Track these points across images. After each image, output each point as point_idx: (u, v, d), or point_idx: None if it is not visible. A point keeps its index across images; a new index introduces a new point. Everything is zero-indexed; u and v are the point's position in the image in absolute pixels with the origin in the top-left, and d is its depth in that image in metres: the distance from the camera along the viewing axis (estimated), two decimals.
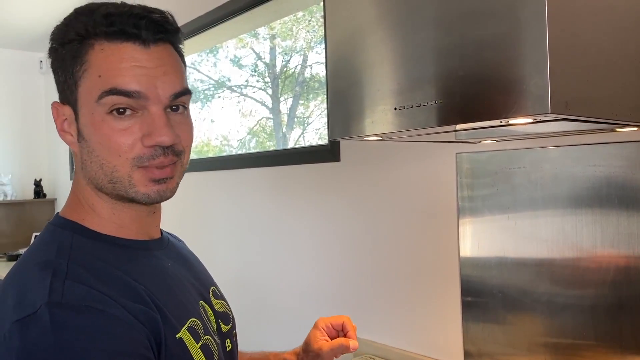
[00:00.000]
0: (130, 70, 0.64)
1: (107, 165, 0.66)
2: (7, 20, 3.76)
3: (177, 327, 0.68)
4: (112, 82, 0.64)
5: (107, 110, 0.65)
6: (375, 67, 0.92)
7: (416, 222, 1.56)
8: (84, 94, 0.66)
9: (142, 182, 0.67)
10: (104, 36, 0.65)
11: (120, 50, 0.65)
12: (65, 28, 0.67)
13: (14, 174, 4.37)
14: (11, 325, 0.57)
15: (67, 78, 0.67)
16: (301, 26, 2.86)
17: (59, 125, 0.69)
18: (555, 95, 0.66)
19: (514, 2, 0.70)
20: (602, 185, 1.11)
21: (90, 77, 0.65)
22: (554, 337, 1.21)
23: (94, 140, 0.66)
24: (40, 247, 0.68)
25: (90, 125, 0.66)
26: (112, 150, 0.65)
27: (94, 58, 0.65)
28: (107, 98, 0.64)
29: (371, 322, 1.71)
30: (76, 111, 0.67)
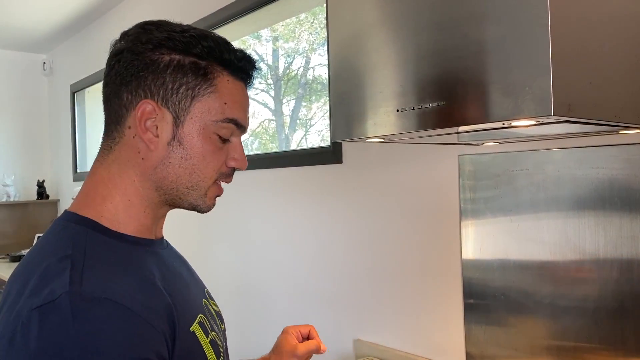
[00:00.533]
0: (245, 108, 0.77)
1: (198, 173, 0.74)
2: (11, 22, 3.77)
3: (190, 320, 0.71)
4: (235, 114, 0.75)
5: (218, 132, 0.74)
6: (377, 69, 0.92)
7: (418, 224, 1.56)
8: (201, 109, 0.73)
9: (212, 195, 0.77)
10: (230, 69, 0.74)
11: (240, 88, 0.76)
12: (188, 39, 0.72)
13: (17, 175, 4.38)
14: (30, 312, 0.58)
15: (181, 87, 0.72)
16: (304, 28, 2.86)
17: (143, 122, 0.72)
18: (557, 98, 0.66)
19: (517, 4, 0.70)
20: (604, 188, 1.11)
21: (216, 100, 0.73)
22: (556, 340, 1.20)
23: (196, 150, 0.73)
24: (55, 242, 0.69)
25: (195, 135, 0.73)
26: (209, 165, 0.74)
27: (222, 86, 0.74)
28: (227, 124, 0.74)
29: (373, 324, 1.71)
30: (179, 118, 0.72)
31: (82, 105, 4.16)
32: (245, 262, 2.34)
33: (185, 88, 0.71)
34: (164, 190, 0.74)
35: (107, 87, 0.74)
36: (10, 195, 4.26)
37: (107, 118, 0.75)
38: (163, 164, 0.73)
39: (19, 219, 4.32)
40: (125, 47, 0.72)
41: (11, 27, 3.87)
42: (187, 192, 0.74)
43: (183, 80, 0.71)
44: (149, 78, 0.71)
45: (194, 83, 0.72)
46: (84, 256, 0.64)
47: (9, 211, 4.29)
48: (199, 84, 0.72)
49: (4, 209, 4.27)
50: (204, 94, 0.72)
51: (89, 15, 3.67)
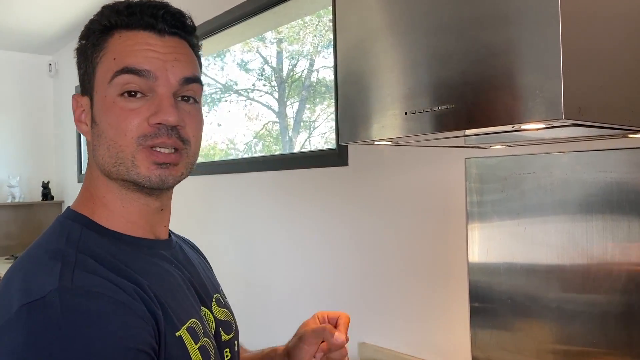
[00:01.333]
0: (143, 52, 0.68)
1: (113, 145, 0.68)
2: (18, 24, 3.79)
3: (178, 325, 0.68)
4: (124, 62, 0.67)
5: (119, 91, 0.68)
6: (385, 72, 0.92)
7: (424, 227, 1.55)
8: (99, 79, 0.70)
9: (144, 163, 0.68)
10: (124, 26, 0.70)
11: (136, 36, 0.69)
12: (91, 23, 0.72)
13: (22, 176, 4.39)
14: (19, 309, 0.57)
15: (87, 68, 0.71)
16: (308, 30, 2.86)
17: (77, 116, 0.72)
18: (568, 101, 0.66)
19: (527, 6, 0.70)
20: (613, 192, 1.10)
21: (106, 60, 0.69)
22: (563, 344, 1.19)
23: (104, 122, 0.69)
24: (50, 238, 0.69)
25: (102, 108, 0.69)
26: (119, 130, 0.68)
27: (112, 44, 0.69)
28: (119, 77, 0.67)
29: (378, 326, 1.70)
30: (92, 98, 0.71)
31: None
32: (249, 264, 2.34)
33: (87, 66, 0.71)
34: (107, 174, 0.71)
35: None
36: (15, 196, 4.28)
37: None
38: (94, 150, 0.71)
39: (24, 219, 4.33)
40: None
41: (17, 29, 3.89)
42: (116, 170, 0.69)
43: (86, 61, 0.72)
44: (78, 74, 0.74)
45: (92, 56, 0.71)
46: (75, 253, 0.64)
47: (14, 212, 4.30)
48: (94, 53, 0.70)
49: (9, 210, 4.28)
50: (97, 62, 0.70)
51: None
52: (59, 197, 4.52)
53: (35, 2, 3.40)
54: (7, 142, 4.40)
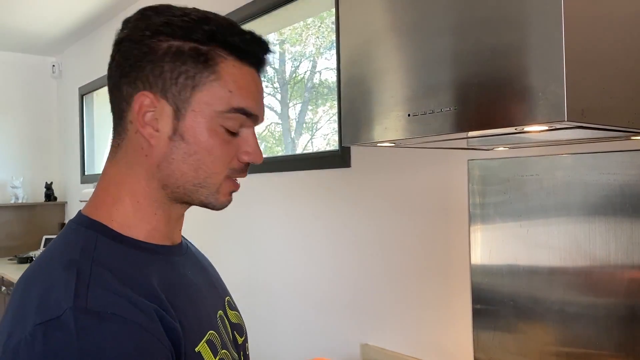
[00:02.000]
0: (255, 95, 0.69)
1: (204, 170, 0.68)
2: (21, 25, 3.80)
3: (196, 340, 0.67)
4: (243, 103, 0.67)
5: (225, 124, 0.68)
6: (389, 74, 0.92)
7: (427, 228, 1.55)
8: (204, 100, 0.66)
9: (225, 192, 0.72)
10: (236, 54, 0.67)
11: (248, 72, 0.69)
12: (189, 24, 0.66)
13: (26, 177, 4.40)
14: (33, 328, 0.56)
15: (180, 76, 0.66)
16: (311, 32, 2.87)
17: (141, 116, 0.67)
18: (571, 103, 0.66)
19: (530, 9, 0.70)
20: (615, 194, 1.10)
21: (219, 88, 0.66)
22: (566, 347, 1.19)
23: (201, 144, 0.67)
24: (64, 247, 0.66)
25: (200, 129, 0.67)
26: (217, 160, 0.68)
27: (226, 72, 0.67)
28: (235, 114, 0.67)
29: (381, 328, 1.70)
30: (179, 110, 0.67)
31: (90, 108, 4.18)
32: (252, 265, 2.34)
33: (185, 77, 0.65)
34: (171, 188, 0.69)
35: (109, 80, 0.70)
36: (18, 197, 4.29)
37: (113, 114, 0.71)
38: (166, 161, 0.67)
39: (27, 220, 4.34)
40: (125, 36, 0.67)
41: (21, 30, 3.90)
42: (195, 189, 0.69)
43: (182, 69, 0.65)
44: (147, 68, 0.66)
45: (194, 71, 0.65)
46: (91, 264, 0.62)
47: (17, 213, 4.31)
48: (199, 71, 0.66)
49: (12, 211, 4.29)
50: (205, 82, 0.66)
51: (98, 18, 3.69)
52: (62, 198, 4.52)
53: (39, 4, 3.41)
54: (11, 143, 4.41)
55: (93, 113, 4.18)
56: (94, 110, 4.18)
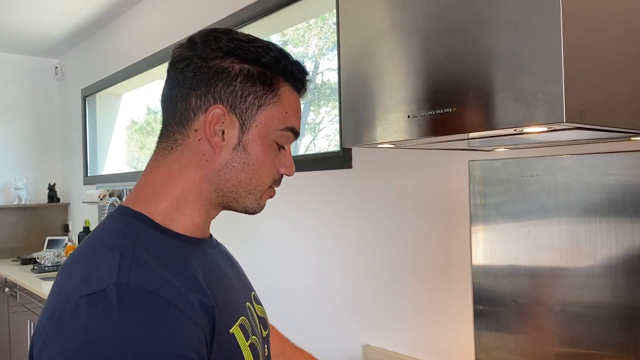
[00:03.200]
0: (300, 117, 0.81)
1: (257, 178, 0.77)
2: (24, 27, 3.81)
3: (230, 322, 0.72)
4: (294, 123, 0.79)
5: (279, 140, 0.78)
6: (389, 75, 0.92)
7: (428, 229, 1.56)
8: (265, 118, 0.76)
9: (265, 198, 0.81)
10: (291, 80, 0.78)
11: (297, 98, 0.80)
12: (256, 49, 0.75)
13: (29, 178, 4.41)
14: (79, 299, 0.60)
15: (249, 95, 0.75)
16: (313, 33, 2.87)
17: (212, 126, 0.74)
18: (570, 104, 0.66)
19: (529, 10, 0.70)
20: (616, 194, 1.10)
21: (279, 109, 0.77)
22: (567, 347, 1.19)
23: (258, 156, 0.76)
24: (108, 233, 0.72)
25: (259, 143, 0.76)
26: (267, 170, 0.78)
27: (285, 97, 0.77)
28: (287, 133, 0.78)
29: (382, 329, 1.71)
30: (245, 125, 0.75)
31: (93, 109, 4.19)
32: (254, 266, 2.34)
33: (253, 97, 0.75)
34: (224, 192, 0.77)
35: (172, 90, 0.76)
36: (21, 198, 4.30)
37: (169, 120, 0.77)
38: (227, 167, 0.75)
39: (30, 222, 4.35)
40: (195, 54, 0.74)
41: (24, 32, 3.92)
42: (245, 195, 0.77)
43: (252, 89, 0.74)
44: (219, 85, 0.74)
45: (262, 92, 0.75)
46: (133, 247, 0.67)
47: (20, 214, 4.32)
48: (266, 93, 0.75)
49: (15, 212, 4.30)
50: (269, 103, 0.76)
51: (100, 20, 3.71)
52: (64, 200, 4.54)
53: (42, 6, 3.42)
54: (14, 145, 4.43)
55: (96, 114, 4.19)
56: (96, 112, 4.19)
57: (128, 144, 4.38)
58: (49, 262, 3.62)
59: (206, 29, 0.77)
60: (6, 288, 3.55)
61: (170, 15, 3.03)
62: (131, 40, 3.50)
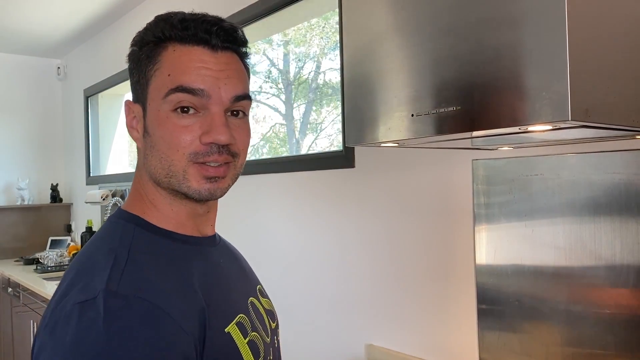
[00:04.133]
0: (197, 70, 0.69)
1: (165, 159, 0.70)
2: (26, 28, 3.82)
3: (226, 321, 0.72)
4: (179, 80, 0.68)
5: (172, 107, 0.69)
6: (392, 74, 0.92)
7: (432, 229, 1.55)
8: (153, 92, 0.71)
9: (195, 177, 0.71)
10: (178, 39, 0.70)
11: (190, 52, 0.70)
12: (145, 32, 0.73)
13: (31, 178, 4.42)
14: (72, 307, 0.61)
15: (140, 78, 0.72)
16: (315, 33, 2.87)
17: (128, 122, 0.74)
18: (575, 102, 0.66)
19: (534, 8, 0.70)
20: (621, 193, 1.10)
21: (161, 75, 0.70)
22: (571, 347, 1.19)
23: (157, 135, 0.70)
24: (105, 237, 0.72)
25: (155, 121, 0.71)
26: (171, 145, 0.69)
27: (166, 58, 0.70)
28: (173, 95, 0.69)
29: (385, 328, 1.70)
30: (145, 108, 0.72)
31: (95, 110, 4.19)
32: (256, 265, 2.34)
33: (140, 77, 0.72)
34: (157, 182, 0.73)
35: None
36: (24, 198, 4.31)
37: None
38: (145, 158, 0.73)
39: (33, 222, 4.36)
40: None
41: (26, 32, 3.92)
42: (168, 180, 0.71)
43: (140, 70, 0.72)
44: (130, 79, 0.75)
45: (145, 68, 0.71)
46: (128, 252, 0.67)
47: (23, 214, 4.33)
48: (147, 66, 0.71)
49: (18, 212, 4.31)
50: (152, 75, 0.71)
51: (102, 20, 3.71)
52: (67, 200, 4.54)
53: (44, 6, 3.43)
54: (17, 145, 4.44)
55: (98, 115, 4.19)
56: (98, 112, 4.19)
57: (130, 144, 4.38)
58: (51, 262, 3.62)
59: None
60: (9, 288, 3.55)
61: None
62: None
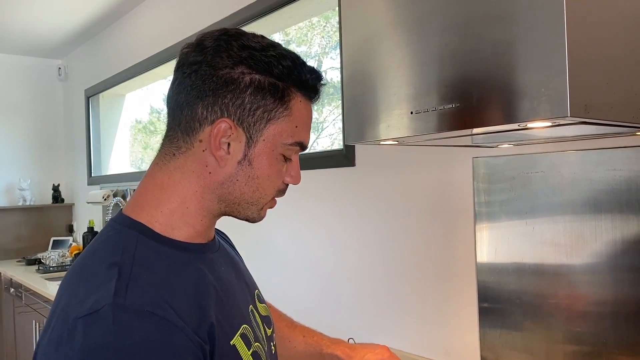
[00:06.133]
0: (310, 128, 0.77)
1: (260, 191, 0.75)
2: (26, 28, 3.82)
3: (231, 333, 0.71)
4: (302, 137, 0.75)
5: (284, 154, 0.75)
6: (391, 72, 0.92)
7: (432, 227, 1.55)
8: (274, 132, 0.73)
9: (267, 208, 0.79)
10: (304, 90, 0.74)
11: (309, 109, 0.76)
12: (268, 60, 0.71)
13: (33, 179, 4.43)
14: (75, 321, 0.60)
15: (259, 109, 0.71)
16: (316, 32, 2.87)
17: (218, 140, 0.71)
18: (574, 99, 0.66)
19: (532, 4, 0.69)
20: (622, 190, 1.10)
21: (289, 123, 0.73)
22: (573, 345, 1.19)
23: (263, 170, 0.74)
24: (107, 247, 0.70)
25: (265, 157, 0.73)
26: (271, 183, 0.76)
27: (296, 109, 0.74)
28: (294, 147, 0.75)
29: (387, 327, 1.70)
30: (252, 139, 0.72)
31: (96, 110, 4.20)
32: (256, 265, 2.34)
33: (262, 110, 0.71)
34: (226, 203, 0.75)
35: (179, 95, 0.73)
36: (26, 199, 4.31)
37: (174, 125, 0.74)
38: (230, 181, 0.73)
39: (35, 222, 4.36)
40: (204, 60, 0.70)
41: (27, 33, 3.93)
42: (247, 206, 0.76)
43: (261, 103, 0.71)
44: (228, 97, 0.70)
45: (272, 106, 0.71)
46: (132, 264, 0.65)
47: (25, 215, 4.33)
48: (276, 107, 0.72)
49: (20, 213, 4.32)
50: (279, 117, 0.72)
51: (103, 20, 3.71)
52: (69, 200, 4.55)
53: (44, 6, 3.43)
54: (18, 146, 4.44)
55: (99, 115, 4.20)
56: (99, 112, 4.20)
57: (132, 144, 4.38)
58: (53, 262, 3.63)
59: (217, 31, 0.73)
60: (11, 289, 3.56)
61: (172, 15, 3.03)
62: (134, 40, 3.50)
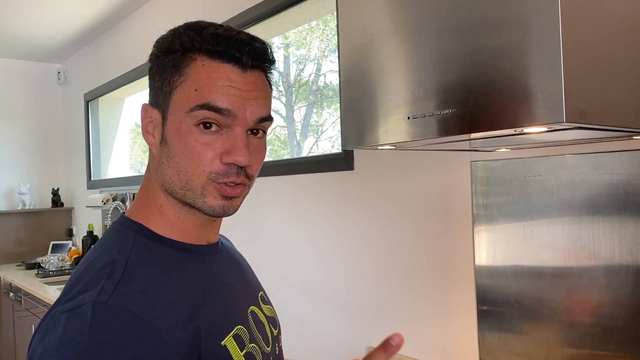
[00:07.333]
0: (225, 89, 0.68)
1: (184, 172, 0.69)
2: (26, 32, 3.83)
3: (223, 334, 0.71)
4: (206, 98, 0.67)
5: (196, 122, 0.68)
6: (388, 76, 0.92)
7: (431, 231, 1.55)
8: (177, 103, 0.69)
9: (213, 195, 0.70)
10: (207, 53, 0.69)
11: (220, 69, 0.68)
12: (172, 38, 0.71)
13: (32, 183, 4.43)
14: (60, 315, 0.61)
15: (163, 84, 0.71)
16: (315, 35, 2.88)
17: (144, 126, 0.73)
18: (570, 104, 0.66)
19: (527, 10, 0.70)
20: (619, 193, 1.10)
21: (187, 88, 0.68)
22: (571, 347, 1.19)
23: (177, 147, 0.69)
24: (107, 246, 0.71)
25: (175, 132, 0.69)
26: (192, 161, 0.68)
27: (194, 72, 0.68)
28: (199, 112, 0.67)
29: (385, 330, 1.70)
30: (164, 116, 0.71)
31: (95, 114, 4.20)
32: (256, 268, 2.34)
33: (164, 84, 0.70)
34: (169, 192, 0.71)
35: None
36: (25, 203, 4.31)
37: None
38: (160, 166, 0.71)
39: (34, 226, 4.36)
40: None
41: (26, 37, 3.93)
42: (183, 192, 0.70)
43: (163, 77, 0.70)
44: (149, 82, 0.74)
45: (170, 77, 0.69)
46: (125, 262, 0.66)
47: (25, 219, 4.34)
48: (172, 76, 0.69)
49: (20, 217, 4.32)
50: (177, 86, 0.69)
51: (102, 24, 3.72)
52: (68, 204, 4.55)
53: (44, 11, 3.44)
54: (18, 150, 4.45)
55: (99, 119, 4.20)
56: (99, 116, 4.20)
57: (131, 147, 4.39)
58: (53, 266, 3.63)
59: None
60: (11, 293, 3.56)
61: (171, 20, 3.04)
62: (133, 44, 3.51)
